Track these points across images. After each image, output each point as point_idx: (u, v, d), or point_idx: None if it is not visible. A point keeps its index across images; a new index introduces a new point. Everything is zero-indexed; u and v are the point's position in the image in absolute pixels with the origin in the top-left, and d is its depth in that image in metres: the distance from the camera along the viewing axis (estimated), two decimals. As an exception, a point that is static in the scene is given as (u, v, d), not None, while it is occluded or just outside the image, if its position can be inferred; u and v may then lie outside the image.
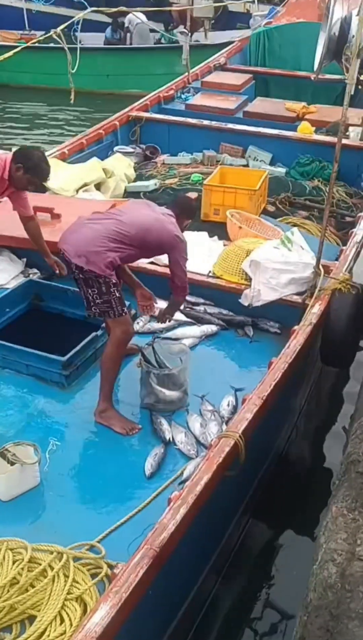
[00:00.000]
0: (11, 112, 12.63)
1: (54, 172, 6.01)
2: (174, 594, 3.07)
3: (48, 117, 12.19)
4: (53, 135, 11.28)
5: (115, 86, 12.95)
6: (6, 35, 14.04)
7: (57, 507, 3.09)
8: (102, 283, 3.47)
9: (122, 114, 7.46)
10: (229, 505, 3.57)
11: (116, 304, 3.51)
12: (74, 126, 11.52)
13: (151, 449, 3.41)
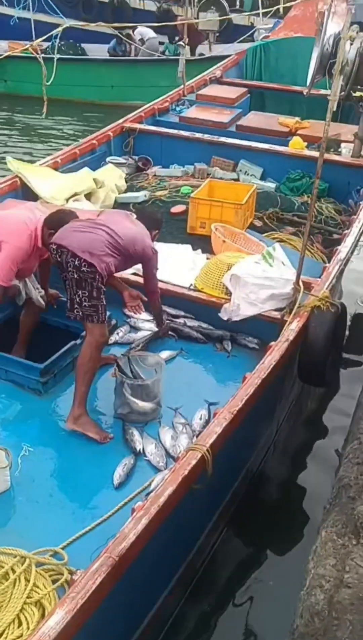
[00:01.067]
0: (14, 121, 12.75)
1: (45, 180, 6.17)
2: (135, 605, 3.11)
3: (50, 127, 12.30)
4: (54, 145, 11.38)
5: (119, 97, 13.09)
6: (15, 45, 14.12)
7: (26, 512, 3.15)
8: (95, 287, 3.58)
9: (116, 125, 7.56)
10: (197, 519, 3.62)
11: (101, 310, 3.65)
12: (76, 137, 11.63)
13: (121, 458, 3.47)
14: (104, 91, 13.54)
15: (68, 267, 3.59)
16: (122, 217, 4.16)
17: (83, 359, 3.65)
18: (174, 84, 10.90)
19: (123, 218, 4.10)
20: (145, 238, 3.93)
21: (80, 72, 13.05)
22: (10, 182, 6.06)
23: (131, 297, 4.19)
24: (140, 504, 2.90)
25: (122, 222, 3.93)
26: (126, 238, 3.78)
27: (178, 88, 8.76)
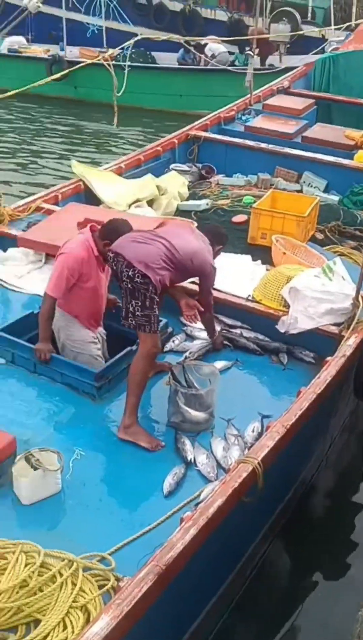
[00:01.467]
0: (81, 127, 13.01)
1: (108, 185, 6.25)
2: (180, 614, 3.10)
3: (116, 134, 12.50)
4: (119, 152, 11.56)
5: (187, 106, 13.20)
6: (85, 52, 14.47)
7: (75, 515, 3.17)
8: (148, 297, 3.60)
9: (181, 133, 7.61)
10: (246, 531, 3.58)
11: (154, 321, 3.65)
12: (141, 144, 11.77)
13: (171, 467, 3.45)
14: (173, 99, 13.67)
15: (123, 277, 3.63)
16: (185, 230, 4.17)
17: (134, 369, 3.67)
18: (243, 94, 10.92)
19: (186, 231, 4.10)
20: (205, 253, 3.93)
21: (149, 80, 13.22)
22: (73, 185, 6.20)
23: (188, 306, 4.17)
24: (189, 514, 2.89)
25: (183, 236, 3.94)
26: (184, 252, 3.78)
27: (245, 97, 8.76)
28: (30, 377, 4.03)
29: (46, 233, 5.10)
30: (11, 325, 4.24)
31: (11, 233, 5.21)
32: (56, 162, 11.01)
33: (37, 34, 15.20)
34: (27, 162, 10.90)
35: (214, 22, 15.81)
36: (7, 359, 4.10)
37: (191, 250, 3.84)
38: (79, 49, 14.68)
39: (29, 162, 10.93)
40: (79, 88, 14.19)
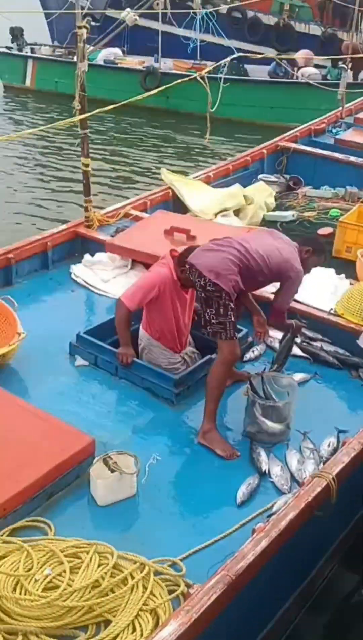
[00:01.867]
0: (171, 137, 13.23)
1: (197, 193, 6.32)
2: (248, 624, 3.06)
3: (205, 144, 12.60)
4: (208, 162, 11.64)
5: (278, 119, 13.14)
6: (179, 64, 14.70)
7: (148, 519, 3.20)
8: (221, 305, 3.61)
9: (270, 143, 7.60)
10: (315, 546, 3.51)
11: (229, 327, 3.65)
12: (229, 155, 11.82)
13: (245, 477, 3.43)
14: (263, 112, 13.64)
15: (197, 287, 3.67)
16: (264, 234, 4.11)
17: (212, 376, 3.68)
18: (334, 107, 10.76)
19: (264, 235, 4.06)
20: (285, 255, 3.80)
21: (241, 93, 13.25)
22: (162, 193, 6.30)
23: (259, 324, 4.18)
24: (261, 525, 2.86)
25: (260, 239, 3.90)
26: (258, 254, 3.72)
27: (336, 110, 8.63)
28: (111, 380, 4.12)
29: (133, 239, 5.21)
30: (95, 328, 4.35)
31: (100, 238, 5.35)
32: (146, 169, 11.25)
33: (133, 46, 15.54)
34: (118, 169, 11.19)
35: (307, 37, 15.65)
36: (91, 361, 4.21)
37: (267, 252, 3.76)
38: (172, 61, 14.92)
39: (119, 169, 11.22)
40: (171, 99, 14.42)
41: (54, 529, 3.05)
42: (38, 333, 4.25)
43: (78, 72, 4.95)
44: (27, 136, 12.15)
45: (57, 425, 3.44)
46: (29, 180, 10.41)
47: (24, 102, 15.13)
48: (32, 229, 8.15)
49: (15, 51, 15.55)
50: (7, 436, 3.33)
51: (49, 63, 15.40)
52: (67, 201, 9.45)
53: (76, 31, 4.86)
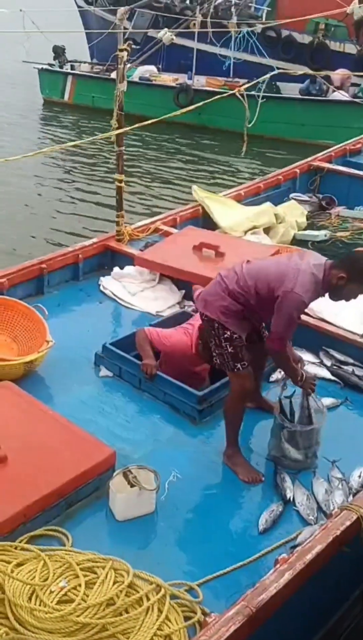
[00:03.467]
0: (202, 152, 13.25)
1: (227, 211, 6.27)
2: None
3: (237, 160, 12.62)
4: (239, 178, 11.64)
5: (309, 136, 13.12)
6: (212, 81, 14.88)
7: (166, 539, 3.10)
8: (216, 335, 3.42)
9: (303, 163, 7.53)
10: (342, 584, 3.35)
11: (228, 359, 3.41)
12: (260, 171, 11.81)
13: (269, 503, 3.32)
14: (295, 129, 13.64)
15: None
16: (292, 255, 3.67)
17: (226, 406, 3.57)
18: (368, 125, 10.70)
19: (289, 255, 3.70)
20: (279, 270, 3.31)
21: (274, 109, 13.25)
22: (192, 209, 6.27)
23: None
24: (284, 556, 2.74)
25: (268, 258, 3.75)
26: (250, 273, 3.36)
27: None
28: (134, 392, 4.06)
29: (162, 254, 5.18)
30: (120, 340, 4.30)
31: (130, 252, 5.33)
32: (175, 185, 11.26)
33: (168, 63, 15.75)
34: (149, 184, 11.22)
35: (342, 55, 15.64)
36: (115, 372, 4.15)
37: (262, 267, 3.42)
38: (206, 78, 15.09)
39: (150, 183, 11.25)
40: (202, 114, 14.50)
41: (71, 540, 2.99)
42: (65, 342, 4.24)
43: (117, 92, 5.01)
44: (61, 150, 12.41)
45: (80, 435, 3.39)
46: (61, 193, 10.50)
47: (61, 115, 15.58)
48: (63, 241, 8.24)
49: (57, 68, 16.07)
50: (31, 441, 3.30)
51: (87, 79, 15.93)
52: (90, 216, 9.52)
53: (118, 53, 4.88)
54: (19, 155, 4.93)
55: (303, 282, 3.22)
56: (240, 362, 3.42)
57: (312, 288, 3.25)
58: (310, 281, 3.23)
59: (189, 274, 4.96)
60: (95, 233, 8.39)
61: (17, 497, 2.98)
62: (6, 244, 8.39)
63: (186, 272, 4.98)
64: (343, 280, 3.25)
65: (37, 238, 8.73)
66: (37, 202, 10.07)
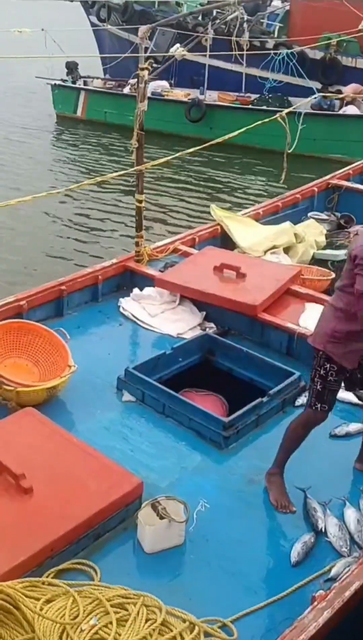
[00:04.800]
0: (214, 168, 13.25)
1: (246, 230, 6.23)
2: None
3: (249, 173, 12.60)
4: (251, 192, 11.64)
5: (321, 150, 13.11)
6: (224, 96, 14.97)
7: (195, 572, 3.02)
8: (315, 365, 3.28)
9: (321, 181, 7.50)
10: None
11: (312, 394, 3.31)
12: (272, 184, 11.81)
13: (300, 533, 3.24)
14: (307, 143, 13.63)
15: None
16: None
17: (290, 427, 3.46)
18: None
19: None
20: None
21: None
22: (211, 229, 6.24)
23: None
24: (322, 592, 2.67)
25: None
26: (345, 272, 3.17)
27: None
28: (158, 417, 3.99)
29: (182, 275, 5.13)
30: (143, 364, 4.24)
31: (149, 273, 5.29)
32: (190, 202, 11.26)
33: (180, 79, 15.85)
34: (163, 203, 11.21)
35: (354, 70, 15.69)
36: (138, 397, 4.09)
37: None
38: (217, 93, 15.16)
39: (164, 202, 11.24)
40: (214, 129, 14.57)
41: (99, 574, 2.91)
42: (86, 365, 4.18)
43: (138, 112, 5.01)
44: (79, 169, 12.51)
45: (107, 464, 3.32)
46: (77, 215, 10.51)
47: (74, 130, 15.75)
48: (79, 261, 8.22)
49: (70, 84, 16.26)
50: (57, 471, 3.24)
51: (99, 95, 16.08)
52: (107, 236, 9.50)
53: (138, 72, 4.90)
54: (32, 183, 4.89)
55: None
56: (321, 403, 3.29)
57: None
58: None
59: (211, 296, 4.92)
60: (108, 251, 8.42)
61: (44, 530, 2.91)
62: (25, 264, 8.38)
63: (208, 293, 4.93)
64: None
65: (55, 258, 8.71)
66: (55, 221, 10.06)
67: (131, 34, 16.34)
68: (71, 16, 19.50)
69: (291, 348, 4.65)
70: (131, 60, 15.05)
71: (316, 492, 3.50)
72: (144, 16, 17.05)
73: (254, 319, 4.80)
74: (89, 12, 18.66)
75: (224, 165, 13.37)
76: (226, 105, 14.89)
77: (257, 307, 4.78)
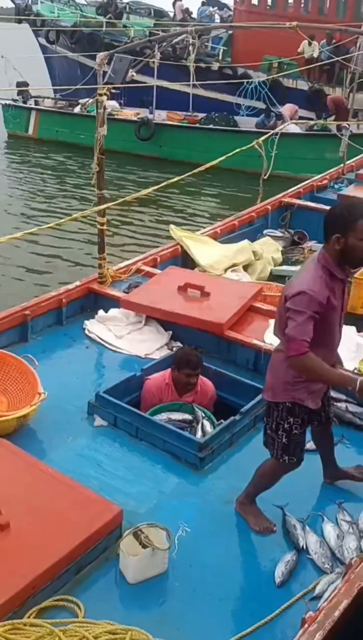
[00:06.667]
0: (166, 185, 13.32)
1: (205, 249, 6.28)
2: None
3: (200, 192, 12.71)
4: (204, 208, 11.72)
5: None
6: (172, 115, 15.26)
7: (182, 600, 2.97)
8: (277, 417, 3.18)
9: (275, 199, 7.65)
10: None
11: (277, 447, 3.20)
12: (225, 200, 11.92)
13: (281, 552, 3.23)
14: (252, 160, 13.91)
15: None
16: None
17: (263, 470, 3.37)
18: (321, 157, 11.00)
19: None
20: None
21: (231, 142, 13.53)
22: (172, 249, 6.27)
23: None
24: (311, 614, 2.66)
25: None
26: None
27: (338, 167, 8.78)
28: (131, 441, 3.94)
29: (147, 295, 5.12)
30: (114, 387, 4.19)
31: (114, 294, 5.26)
32: (146, 220, 11.26)
33: (129, 99, 16.03)
34: (123, 223, 11.16)
35: (295, 91, 16.21)
36: (110, 421, 4.03)
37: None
38: (166, 112, 15.40)
39: (125, 222, 11.20)
40: (163, 147, 14.78)
41: (83, 610, 2.83)
42: (55, 391, 4.09)
43: (97, 137, 5.02)
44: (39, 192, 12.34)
45: (84, 493, 3.24)
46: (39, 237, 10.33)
47: (25, 149, 15.76)
48: (43, 283, 8.08)
49: (21, 103, 16.35)
50: (34, 505, 3.14)
51: (50, 114, 16.24)
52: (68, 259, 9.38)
53: (97, 97, 4.98)
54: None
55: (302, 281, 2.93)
56: (289, 456, 3.20)
57: (316, 278, 2.91)
58: (311, 276, 2.92)
59: (177, 315, 4.92)
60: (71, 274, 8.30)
61: (24, 567, 2.81)
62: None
63: (174, 313, 4.94)
64: (341, 240, 2.89)
65: (18, 281, 8.56)
66: (17, 246, 9.84)
67: (81, 55, 16.46)
68: (20, 37, 19.38)
69: (258, 364, 4.69)
70: (80, 81, 15.14)
71: (293, 508, 3.51)
72: (93, 38, 17.20)
73: (220, 337, 4.83)
74: (38, 34, 18.69)
75: (178, 186, 13.47)
76: (174, 124, 15.13)
77: (223, 325, 4.80)
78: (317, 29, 14.25)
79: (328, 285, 2.94)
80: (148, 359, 4.72)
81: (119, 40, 16.50)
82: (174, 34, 11.79)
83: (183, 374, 4.12)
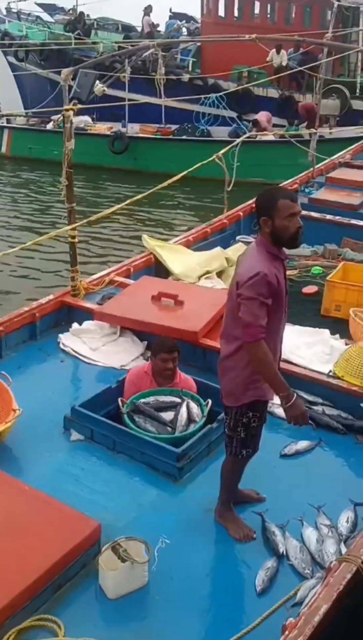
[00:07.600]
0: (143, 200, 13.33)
1: (178, 258, 6.28)
2: None
3: (175, 201, 12.74)
4: (181, 218, 11.73)
5: (241, 175, 13.46)
6: (145, 128, 15.36)
7: (163, 613, 2.95)
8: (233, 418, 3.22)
9: (246, 206, 7.69)
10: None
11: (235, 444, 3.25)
12: (200, 209, 11.95)
13: (261, 559, 3.21)
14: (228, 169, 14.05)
15: None
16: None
17: (225, 467, 3.40)
18: (294, 163, 11.08)
19: None
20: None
21: (204, 152, 13.62)
22: (145, 259, 6.26)
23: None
24: (291, 620, 2.64)
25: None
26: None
27: (307, 171, 8.85)
28: (109, 454, 3.90)
29: (121, 306, 5.11)
30: (90, 400, 4.15)
31: (87, 306, 5.23)
32: (120, 230, 11.25)
33: (101, 113, 16.04)
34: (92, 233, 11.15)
35: (265, 99, 16.37)
36: (87, 435, 4.00)
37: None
38: (139, 125, 15.45)
39: (92, 232, 11.19)
40: (138, 159, 14.83)
41: (63, 628, 2.79)
42: (30, 407, 4.03)
43: (65, 151, 5.02)
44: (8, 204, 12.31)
45: (61, 510, 3.20)
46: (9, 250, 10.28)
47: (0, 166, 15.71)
48: (13, 300, 8.02)
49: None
50: (11, 523, 3.10)
51: (23, 132, 16.23)
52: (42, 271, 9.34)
53: (64, 113, 4.96)
54: None
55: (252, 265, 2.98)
56: (246, 449, 3.26)
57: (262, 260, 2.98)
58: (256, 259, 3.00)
59: (151, 325, 4.91)
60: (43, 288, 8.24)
61: (2, 588, 2.76)
62: None
63: (148, 323, 4.92)
64: (269, 221, 2.98)
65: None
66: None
67: (50, 71, 16.48)
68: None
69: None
70: (52, 98, 15.15)
71: (272, 514, 3.51)
72: (62, 55, 17.24)
73: (195, 344, 4.82)
74: (7, 53, 18.70)
75: (151, 198, 13.51)
76: (148, 137, 15.20)
77: (198, 333, 4.80)
78: (277, 40, 14.34)
79: (275, 266, 3.03)
80: (124, 370, 4.69)
81: (88, 56, 16.51)
82: (139, 48, 11.86)
83: (160, 359, 4.11)
